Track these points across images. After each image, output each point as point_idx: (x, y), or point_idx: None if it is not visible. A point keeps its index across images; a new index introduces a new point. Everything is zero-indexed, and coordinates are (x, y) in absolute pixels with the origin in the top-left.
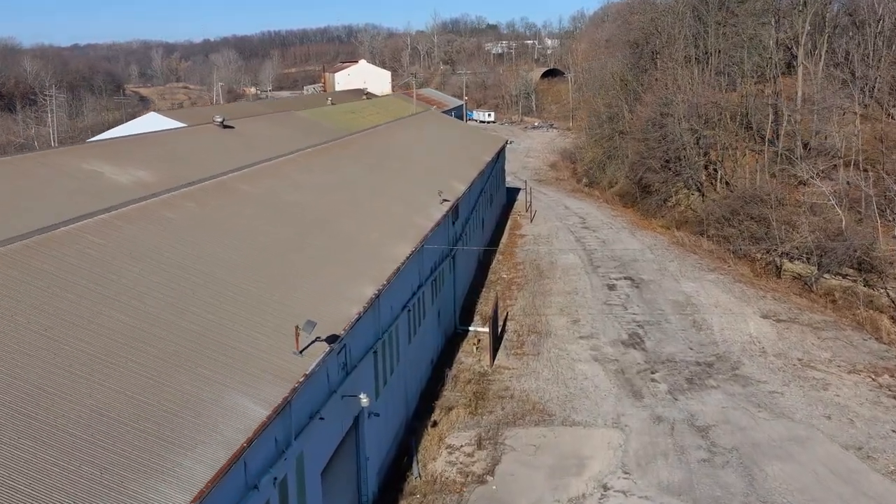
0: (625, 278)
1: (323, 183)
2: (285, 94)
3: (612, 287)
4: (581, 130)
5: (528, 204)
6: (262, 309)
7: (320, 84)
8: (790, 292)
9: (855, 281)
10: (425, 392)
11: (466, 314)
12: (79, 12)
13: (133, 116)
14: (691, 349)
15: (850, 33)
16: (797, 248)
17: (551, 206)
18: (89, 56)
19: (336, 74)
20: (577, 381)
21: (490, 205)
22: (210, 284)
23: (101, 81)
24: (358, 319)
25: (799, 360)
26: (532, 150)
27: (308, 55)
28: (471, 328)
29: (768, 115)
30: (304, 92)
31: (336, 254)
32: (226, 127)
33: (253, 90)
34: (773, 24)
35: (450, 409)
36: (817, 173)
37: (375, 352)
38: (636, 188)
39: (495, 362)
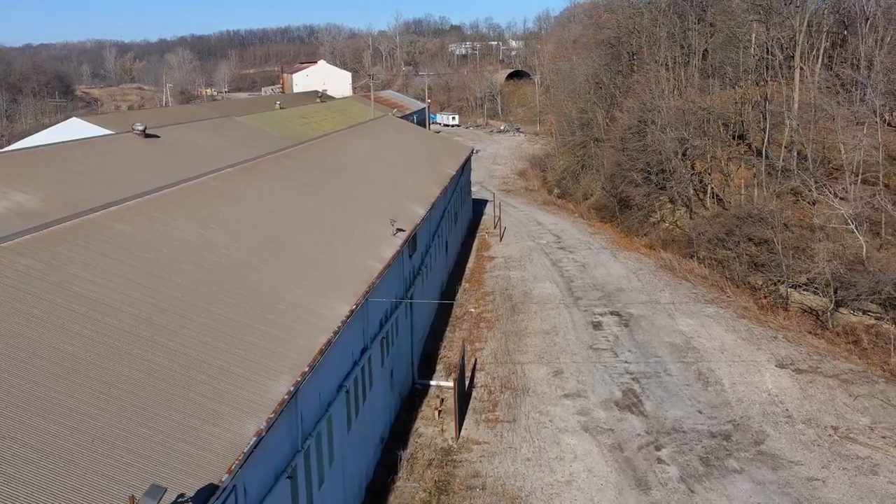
0: (611, 313)
1: (240, 214)
2: (243, 95)
3: (597, 325)
4: (550, 135)
5: (497, 220)
6: (92, 453)
7: (279, 85)
8: (803, 330)
9: (879, 318)
10: (373, 485)
11: (427, 362)
12: (33, 11)
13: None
14: (701, 413)
15: (841, 35)
16: (811, 281)
17: (522, 221)
18: (39, 56)
19: (294, 75)
20: (566, 463)
21: (455, 223)
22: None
23: (45, 83)
24: (256, 445)
25: (834, 428)
26: (499, 156)
27: (268, 55)
28: (432, 382)
29: (764, 123)
30: (263, 93)
31: (239, 327)
32: (148, 136)
33: (208, 91)
34: (763, 21)
35: None
36: (835, 193)
37: (291, 476)
38: (614, 201)
39: (462, 433)
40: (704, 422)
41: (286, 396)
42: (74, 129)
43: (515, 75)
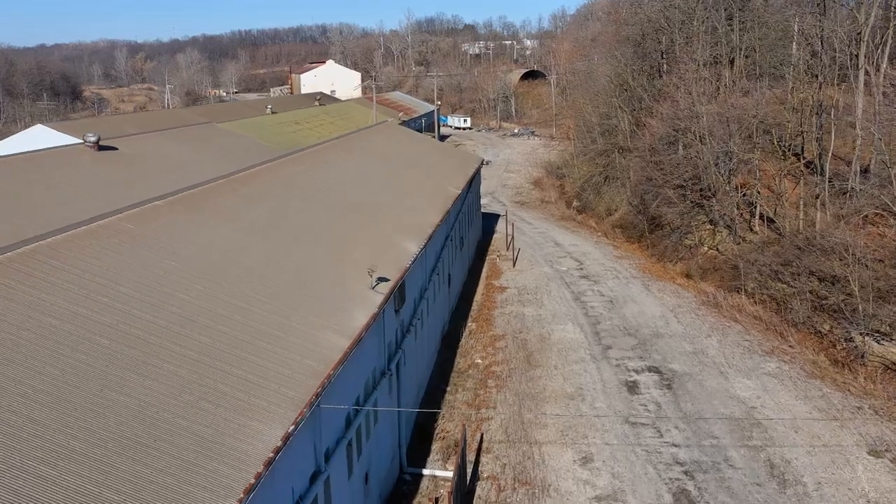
0: (649, 369)
1: (149, 274)
2: (252, 96)
3: (632, 387)
4: (567, 139)
5: (510, 241)
6: None
7: (287, 86)
8: (891, 397)
9: None
10: None
11: (421, 437)
12: (48, 12)
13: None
14: None
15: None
16: None
17: (538, 241)
18: (51, 56)
19: (302, 76)
20: None
21: (461, 249)
22: None
23: (49, 83)
24: None
25: None
26: (512, 162)
27: (279, 55)
28: (425, 471)
29: (819, 132)
30: (271, 94)
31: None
32: (102, 148)
33: (215, 92)
34: (820, 14)
35: None
36: None
37: None
38: (643, 220)
39: None
40: None
41: None
42: (38, 136)
43: (530, 75)
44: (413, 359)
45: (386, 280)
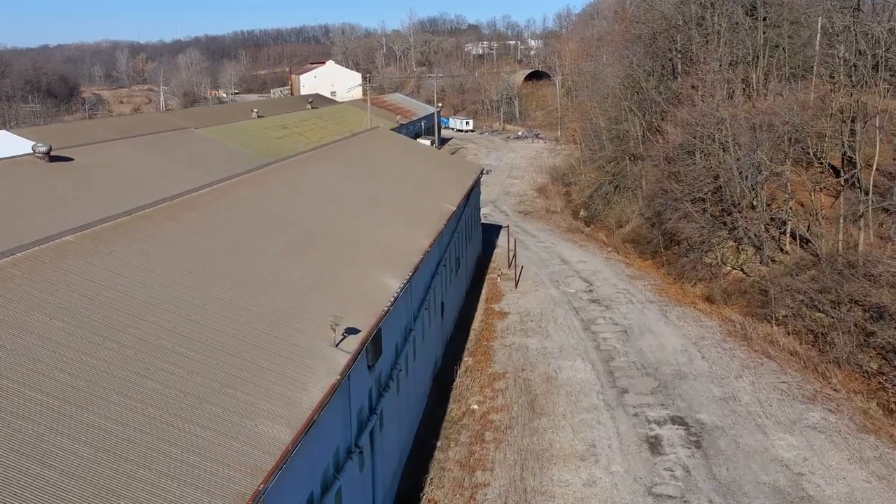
0: (672, 420)
1: (20, 343)
2: (253, 97)
3: (655, 445)
4: (573, 143)
5: (512, 258)
6: None
7: (287, 87)
8: None
9: None
10: None
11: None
12: (52, 12)
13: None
14: None
15: None
16: None
17: (543, 257)
18: (54, 57)
19: (302, 76)
20: None
21: (456, 272)
22: None
23: (46, 84)
24: None
25: None
26: (515, 167)
27: (282, 56)
28: None
29: (852, 139)
30: (272, 94)
31: None
32: (55, 159)
33: (215, 93)
34: (856, 9)
35: None
36: None
37: None
38: (658, 234)
39: None
40: None
41: None
42: (4, 143)
43: (534, 76)
44: (395, 417)
45: (356, 332)
